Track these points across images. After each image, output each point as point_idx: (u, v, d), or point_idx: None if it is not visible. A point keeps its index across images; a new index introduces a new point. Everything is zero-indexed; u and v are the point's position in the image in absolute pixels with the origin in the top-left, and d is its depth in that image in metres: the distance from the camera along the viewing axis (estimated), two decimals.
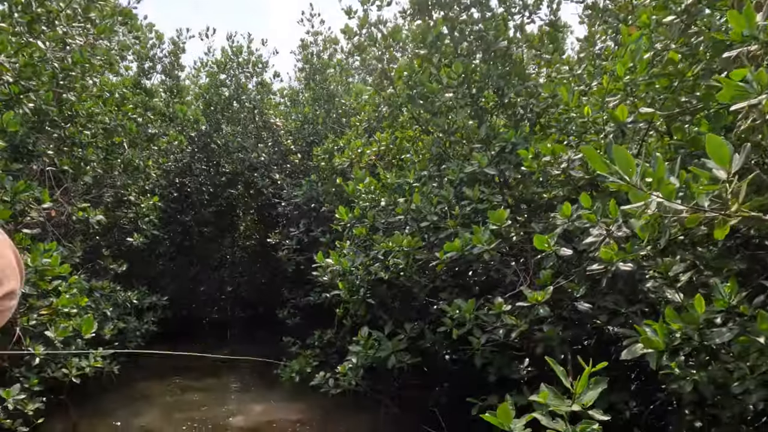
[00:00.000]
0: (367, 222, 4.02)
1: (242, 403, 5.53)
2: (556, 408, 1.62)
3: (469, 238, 2.86)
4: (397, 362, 3.52)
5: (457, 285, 3.98)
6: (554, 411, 1.66)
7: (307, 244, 6.60)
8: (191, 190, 8.42)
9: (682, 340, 1.89)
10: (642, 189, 1.38)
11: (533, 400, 1.77)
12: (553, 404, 1.64)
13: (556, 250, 2.54)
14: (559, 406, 1.63)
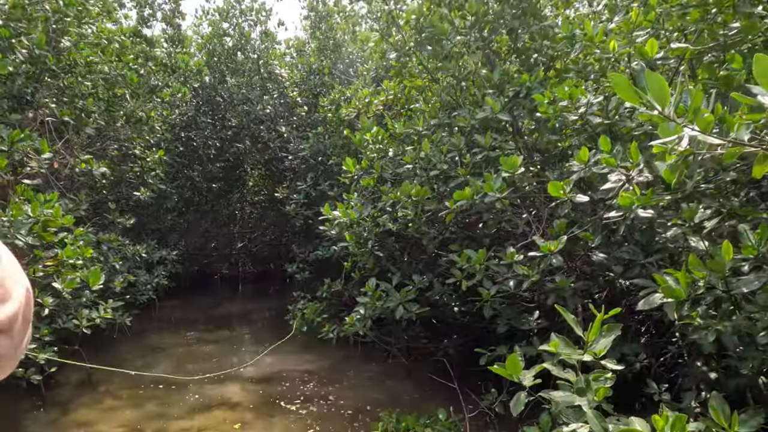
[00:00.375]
0: (375, 173, 3.90)
1: (253, 355, 5.60)
2: (567, 357, 1.55)
3: (480, 186, 2.73)
4: (405, 313, 3.48)
5: (467, 237, 3.89)
6: (565, 360, 1.59)
7: (315, 198, 6.52)
8: (197, 145, 8.31)
9: (705, 290, 1.79)
10: (675, 121, 1.24)
11: (543, 350, 1.70)
12: (564, 353, 1.57)
13: (572, 197, 2.42)
14: (571, 355, 1.55)
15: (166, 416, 4.10)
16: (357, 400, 4.34)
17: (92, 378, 4.92)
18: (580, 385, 1.52)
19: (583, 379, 1.53)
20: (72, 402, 4.38)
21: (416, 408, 4.15)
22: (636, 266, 2.58)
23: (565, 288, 2.63)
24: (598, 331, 1.54)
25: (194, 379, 4.86)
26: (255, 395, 4.50)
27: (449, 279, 3.34)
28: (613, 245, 2.77)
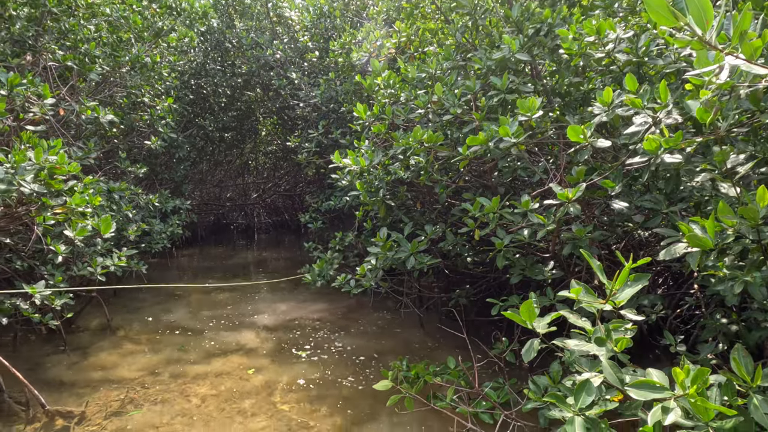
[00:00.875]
0: (386, 119, 3.75)
1: (267, 303, 5.68)
2: (588, 305, 1.47)
3: (496, 130, 2.59)
4: (416, 264, 3.43)
5: (481, 185, 3.77)
6: (584, 309, 1.51)
7: (327, 147, 6.39)
8: (208, 93, 8.15)
9: (734, 239, 1.68)
10: (716, 47, 1.10)
11: (563, 297, 1.62)
12: (585, 301, 1.49)
13: (593, 142, 2.27)
14: (592, 303, 1.47)
15: (183, 361, 4.20)
16: (368, 348, 4.39)
17: (111, 323, 5.04)
18: (599, 334, 1.44)
19: (603, 329, 1.45)
20: (92, 346, 4.50)
21: (427, 356, 4.19)
22: (658, 215, 2.45)
23: (582, 238, 2.53)
24: (624, 279, 1.45)
25: (209, 326, 4.95)
26: (269, 342, 4.57)
27: (462, 229, 3.25)
28: (634, 193, 2.64)
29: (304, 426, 3.32)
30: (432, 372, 3.25)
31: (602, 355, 1.42)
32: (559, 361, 2.46)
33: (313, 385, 3.78)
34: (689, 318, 3.69)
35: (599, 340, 1.44)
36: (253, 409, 3.48)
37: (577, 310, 1.79)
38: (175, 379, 3.87)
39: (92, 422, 3.39)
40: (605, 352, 1.42)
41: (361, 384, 3.79)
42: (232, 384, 3.81)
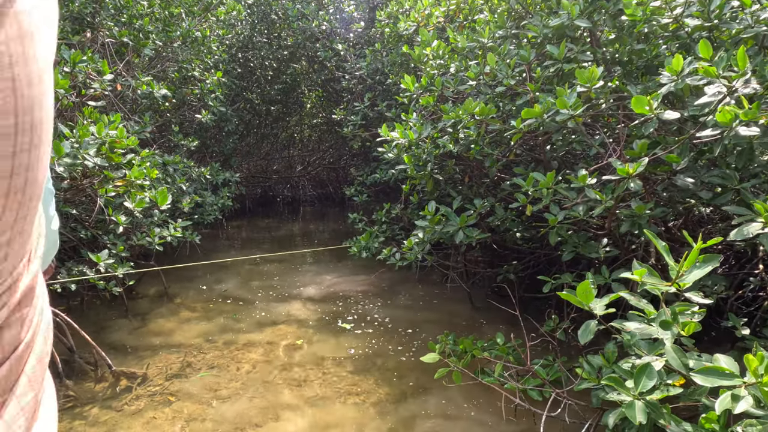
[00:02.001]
0: (435, 90, 3.67)
1: (313, 275, 5.79)
2: (653, 287, 1.40)
3: (552, 102, 2.48)
4: (464, 238, 3.39)
5: (534, 159, 3.65)
6: (648, 291, 1.45)
7: (373, 120, 6.35)
8: (254, 66, 8.23)
9: None
10: None
11: (622, 277, 1.56)
12: (650, 283, 1.42)
13: (659, 113, 2.14)
14: (657, 286, 1.41)
15: (235, 329, 4.37)
16: (414, 321, 4.42)
17: (168, 291, 5.29)
18: (664, 317, 1.38)
19: (669, 312, 1.39)
20: (151, 312, 4.75)
21: (474, 331, 4.18)
22: (728, 192, 2.31)
23: (641, 215, 2.42)
24: (693, 260, 1.37)
25: (258, 296, 5.11)
26: (315, 313, 4.68)
27: (512, 204, 3.18)
28: (701, 168, 2.49)
29: (353, 393, 3.41)
30: (480, 347, 3.24)
31: (667, 338, 1.36)
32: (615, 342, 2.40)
33: (359, 355, 3.86)
34: (752, 300, 3.50)
35: (665, 323, 1.37)
36: (302, 377, 3.59)
37: (637, 292, 1.72)
38: (228, 346, 4.04)
39: (154, 383, 3.60)
40: (670, 336, 1.36)
41: (407, 356, 3.83)
42: (281, 352, 3.94)
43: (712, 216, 3.52)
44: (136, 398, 3.43)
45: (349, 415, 3.15)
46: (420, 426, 3.03)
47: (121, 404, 3.36)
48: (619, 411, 1.71)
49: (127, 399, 3.40)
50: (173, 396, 3.42)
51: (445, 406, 3.22)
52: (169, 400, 3.36)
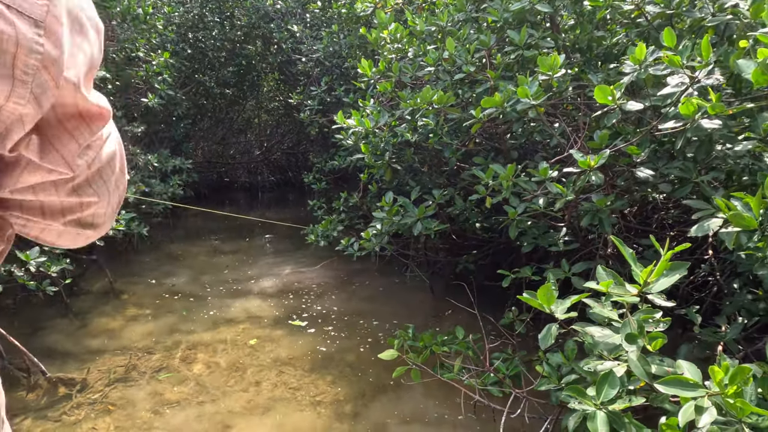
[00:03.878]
0: (393, 76, 3.50)
1: (269, 266, 5.59)
2: (620, 298, 1.31)
3: (513, 91, 2.37)
4: (424, 229, 3.28)
5: (494, 149, 3.56)
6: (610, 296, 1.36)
7: (330, 105, 6.13)
8: (206, 47, 7.81)
9: None
10: None
11: (588, 288, 1.47)
12: (616, 293, 1.33)
13: (622, 104, 2.06)
14: (624, 296, 1.32)
15: (186, 327, 4.15)
16: (373, 315, 4.31)
17: (115, 287, 4.98)
18: (630, 329, 1.30)
19: (636, 324, 1.30)
20: (95, 310, 4.45)
21: (435, 323, 4.11)
22: (688, 184, 2.27)
23: (602, 208, 2.36)
24: (662, 270, 1.29)
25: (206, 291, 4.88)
26: (271, 308, 4.50)
27: (472, 195, 3.08)
28: (660, 160, 2.44)
29: (310, 394, 3.28)
30: (440, 341, 3.16)
31: (632, 351, 1.28)
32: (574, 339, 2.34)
33: (316, 353, 3.73)
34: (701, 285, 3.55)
35: (630, 337, 1.29)
36: (256, 377, 3.43)
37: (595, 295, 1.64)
38: (178, 346, 3.82)
39: (95, 389, 3.36)
40: (635, 349, 1.28)
41: (366, 352, 3.73)
42: (235, 351, 3.76)
43: (665, 203, 3.53)
44: (76, 407, 3.19)
45: (305, 418, 3.02)
46: (379, 426, 2.93)
47: (58, 414, 3.11)
48: (579, 413, 1.64)
49: (66, 408, 3.16)
50: (113, 405, 3.19)
51: (404, 404, 3.14)
52: (109, 408, 3.14)
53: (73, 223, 0.57)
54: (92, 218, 0.59)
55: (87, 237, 0.62)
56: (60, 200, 0.54)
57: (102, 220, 0.61)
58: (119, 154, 0.60)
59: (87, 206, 0.56)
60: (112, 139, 0.57)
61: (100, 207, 0.58)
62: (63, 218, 0.56)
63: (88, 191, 0.55)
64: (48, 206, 0.54)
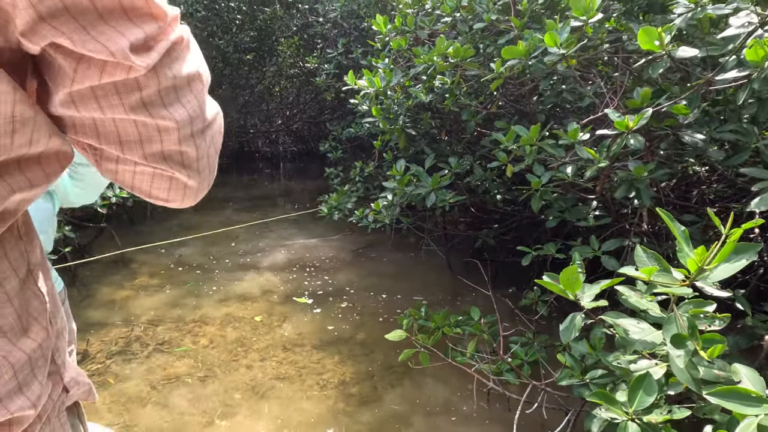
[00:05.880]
0: (409, 31, 3.17)
1: (283, 238, 5.41)
2: (667, 289, 1.02)
3: (539, 39, 2.04)
4: (438, 201, 3.00)
5: (517, 112, 3.22)
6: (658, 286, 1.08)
7: (347, 68, 5.80)
8: (221, 8, 7.52)
9: None
10: None
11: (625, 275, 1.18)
12: (662, 283, 1.04)
13: (671, 50, 1.71)
14: (671, 287, 1.03)
15: (193, 300, 4.01)
16: (386, 291, 4.09)
17: (125, 255, 4.88)
18: (677, 328, 1.01)
19: (685, 321, 1.01)
20: (103, 280, 4.36)
21: (450, 301, 3.86)
22: (745, 150, 1.92)
23: (640, 178, 2.03)
24: (728, 254, 0.98)
25: (212, 264, 4.74)
26: (279, 283, 4.33)
27: (492, 163, 2.77)
28: (713, 122, 2.09)
29: (315, 373, 3.10)
30: (452, 322, 2.92)
31: (679, 357, 1.00)
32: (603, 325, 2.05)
33: (324, 330, 3.54)
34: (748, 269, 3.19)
35: (678, 339, 1.01)
36: (261, 354, 3.27)
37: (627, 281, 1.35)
38: (183, 319, 3.69)
39: (96, 360, 3.26)
40: (683, 355, 0.99)
41: (376, 330, 3.52)
42: (240, 326, 3.60)
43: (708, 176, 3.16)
44: None
45: (310, 398, 2.84)
46: (385, 411, 2.73)
47: None
48: (605, 420, 1.37)
49: None
50: (115, 377, 3.08)
51: (413, 388, 2.92)
52: (109, 381, 3.02)
53: (157, 158, 0.55)
54: (179, 154, 0.56)
55: (185, 186, 0.59)
56: (130, 118, 0.51)
57: (193, 160, 0.57)
58: (206, 85, 0.58)
59: (165, 132, 0.53)
60: (193, 57, 0.55)
61: (186, 142, 0.55)
62: (142, 149, 0.53)
63: (161, 111, 0.52)
64: (122, 130, 0.52)
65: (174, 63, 0.52)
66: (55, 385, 0.63)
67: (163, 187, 0.58)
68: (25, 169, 0.51)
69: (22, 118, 0.47)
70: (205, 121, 0.57)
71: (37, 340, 0.58)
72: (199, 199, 0.63)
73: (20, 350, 0.55)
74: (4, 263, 0.54)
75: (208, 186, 0.63)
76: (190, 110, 0.54)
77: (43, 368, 0.59)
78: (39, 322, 0.59)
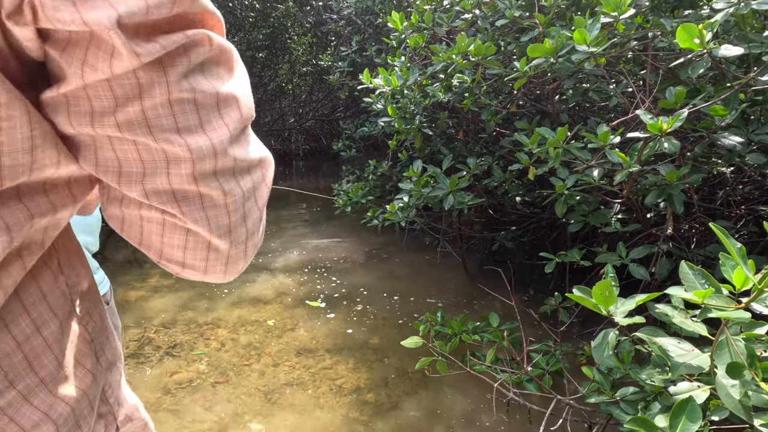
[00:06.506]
0: (426, 27, 3.08)
1: (297, 237, 5.36)
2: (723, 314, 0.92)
3: (568, 36, 1.94)
4: (456, 203, 2.91)
5: (540, 111, 3.11)
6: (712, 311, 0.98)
7: (361, 66, 5.72)
8: (234, 5, 7.48)
9: None
10: None
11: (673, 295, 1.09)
12: (716, 306, 0.95)
13: (713, 48, 1.60)
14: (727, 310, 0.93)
15: (205, 301, 3.97)
16: (400, 294, 4.01)
17: (137, 256, 4.87)
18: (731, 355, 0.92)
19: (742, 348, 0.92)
20: (116, 280, 4.34)
21: (467, 305, 3.77)
22: None
23: (673, 183, 1.92)
24: None
25: None
26: (292, 285, 4.27)
27: (512, 165, 2.67)
28: (752, 124, 1.97)
29: (329, 378, 3.03)
30: (470, 329, 2.83)
31: (734, 388, 0.90)
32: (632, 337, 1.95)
33: (338, 334, 3.47)
34: None
35: (734, 369, 0.91)
36: (275, 358, 3.21)
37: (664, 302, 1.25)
38: (194, 322, 3.65)
39: None
40: (738, 387, 0.90)
41: (391, 335, 3.44)
42: (253, 329, 3.55)
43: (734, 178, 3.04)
44: None
45: (324, 405, 2.77)
46: (399, 418, 2.65)
47: None
48: None
49: None
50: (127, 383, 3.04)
51: (429, 397, 2.84)
52: None
53: (160, 197, 0.43)
54: (198, 197, 0.44)
55: (209, 247, 0.48)
56: (126, 138, 0.40)
57: (220, 209, 0.46)
58: (244, 117, 0.47)
59: (175, 162, 0.42)
60: (230, 76, 0.46)
61: (204, 181, 0.43)
62: (142, 183, 0.42)
63: (170, 135, 0.41)
64: (121, 155, 0.41)
65: (196, 71, 0.40)
66: (108, 427, 0.57)
67: (178, 245, 0.46)
68: (50, 191, 0.43)
69: (41, 132, 0.39)
70: (237, 161, 0.45)
71: (81, 387, 0.51)
72: (234, 272, 0.50)
73: (63, 402, 0.49)
74: (42, 306, 0.47)
75: (247, 254, 0.49)
76: (214, 140, 0.42)
77: (89, 417, 0.52)
78: (83, 365, 0.52)
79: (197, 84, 0.40)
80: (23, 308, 0.45)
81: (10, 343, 0.43)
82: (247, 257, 0.50)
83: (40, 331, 0.47)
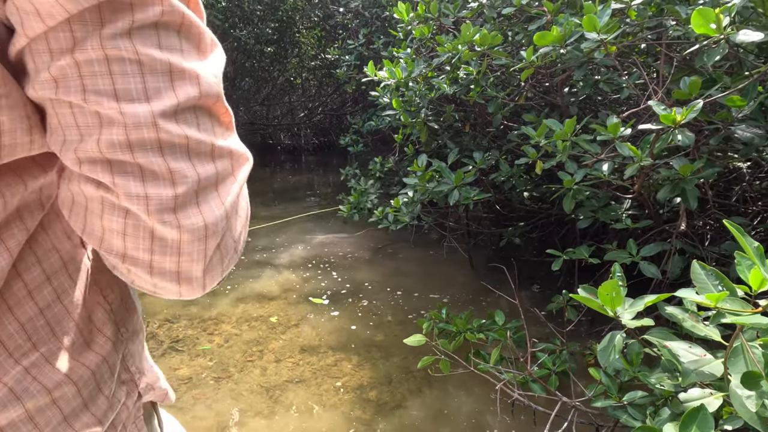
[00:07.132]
0: (432, 17, 3.01)
1: (302, 233, 5.32)
2: (737, 319, 0.85)
3: (577, 24, 1.85)
4: (461, 198, 2.84)
5: (548, 104, 3.03)
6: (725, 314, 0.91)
7: (369, 60, 5.65)
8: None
9: None
10: None
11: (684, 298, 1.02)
12: (730, 311, 0.87)
13: (731, 35, 1.51)
14: (742, 315, 0.86)
15: (209, 298, 3.95)
16: (406, 291, 3.95)
17: None
18: (745, 363, 0.85)
19: (761, 357, 0.84)
20: None
21: (472, 303, 3.70)
22: None
23: (687, 178, 1.84)
24: None
25: None
26: (296, 281, 4.23)
27: (519, 159, 2.59)
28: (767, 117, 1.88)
29: (331, 376, 2.99)
30: (475, 327, 2.76)
31: (750, 399, 0.83)
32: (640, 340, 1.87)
33: (342, 331, 3.42)
34: None
35: (750, 378, 0.84)
36: (277, 355, 3.18)
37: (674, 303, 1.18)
38: (198, 317, 3.62)
39: None
40: (755, 397, 0.83)
41: (395, 332, 3.39)
42: (256, 326, 3.51)
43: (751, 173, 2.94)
44: None
45: (325, 403, 2.73)
46: (402, 417, 2.60)
47: None
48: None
49: None
50: None
51: (432, 396, 2.78)
52: None
53: (93, 166, 0.39)
54: (137, 167, 0.40)
55: (152, 234, 0.42)
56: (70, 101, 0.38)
57: (158, 177, 0.41)
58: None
59: (108, 123, 0.38)
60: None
61: (141, 146, 0.39)
62: (75, 151, 0.40)
63: (109, 101, 0.38)
64: (63, 121, 0.39)
65: (146, 32, 0.37)
66: (130, 393, 0.60)
67: (117, 229, 0.42)
68: (37, 156, 0.44)
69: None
70: (190, 139, 0.41)
71: (101, 353, 0.55)
72: (192, 275, 0.43)
73: (83, 365, 0.52)
74: (62, 276, 0.50)
75: (207, 255, 0.43)
76: (155, 108, 0.39)
77: (110, 382, 0.56)
78: (103, 333, 0.56)
79: (143, 47, 0.37)
80: (45, 277, 0.48)
81: (33, 308, 0.47)
82: (208, 260, 0.43)
83: (60, 298, 0.50)
